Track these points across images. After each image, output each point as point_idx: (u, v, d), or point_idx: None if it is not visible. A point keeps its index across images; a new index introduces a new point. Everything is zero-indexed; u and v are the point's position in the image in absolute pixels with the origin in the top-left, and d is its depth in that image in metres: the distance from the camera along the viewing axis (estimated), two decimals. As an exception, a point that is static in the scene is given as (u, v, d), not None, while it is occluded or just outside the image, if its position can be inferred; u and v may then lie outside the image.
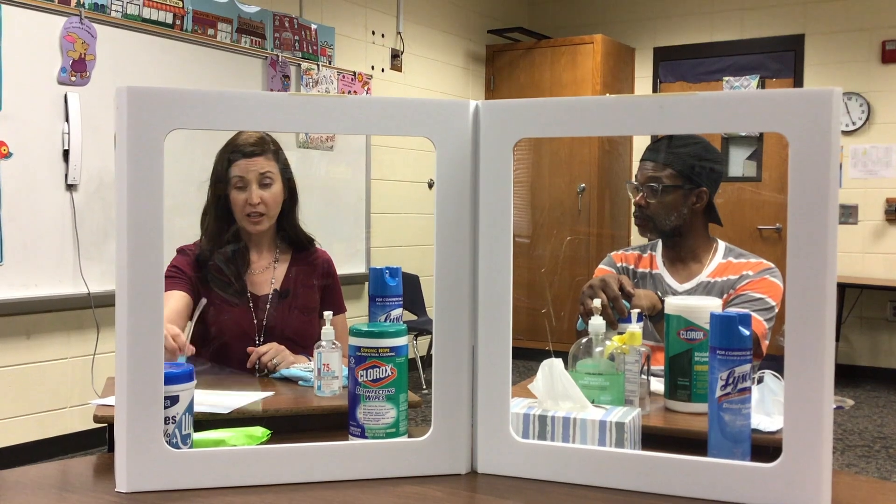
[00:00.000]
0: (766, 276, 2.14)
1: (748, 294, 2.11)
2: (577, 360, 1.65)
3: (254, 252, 2.30)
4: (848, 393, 5.64)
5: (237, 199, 2.21)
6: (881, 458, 4.28)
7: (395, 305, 1.83)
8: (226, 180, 2.21)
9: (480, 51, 6.77)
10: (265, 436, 1.51)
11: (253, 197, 2.19)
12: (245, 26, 4.77)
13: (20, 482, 1.38)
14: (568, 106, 1.38)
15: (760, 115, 1.28)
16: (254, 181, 2.20)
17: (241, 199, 2.20)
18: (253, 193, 2.19)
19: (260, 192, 2.20)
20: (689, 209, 2.19)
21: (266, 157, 2.22)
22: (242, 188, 2.20)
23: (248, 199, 2.19)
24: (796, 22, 6.30)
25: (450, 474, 1.40)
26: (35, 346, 3.92)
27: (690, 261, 2.24)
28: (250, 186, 2.19)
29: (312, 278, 2.32)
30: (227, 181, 2.20)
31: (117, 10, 4.11)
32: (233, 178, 2.20)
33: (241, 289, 2.25)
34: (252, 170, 2.19)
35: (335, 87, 5.29)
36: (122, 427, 1.32)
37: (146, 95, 1.32)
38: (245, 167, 2.19)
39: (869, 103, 6.04)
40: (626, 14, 6.90)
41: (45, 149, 3.84)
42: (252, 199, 2.19)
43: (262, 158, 2.21)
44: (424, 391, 5.31)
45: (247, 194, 2.19)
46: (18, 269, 3.76)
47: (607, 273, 2.04)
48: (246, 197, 2.20)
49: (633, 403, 1.65)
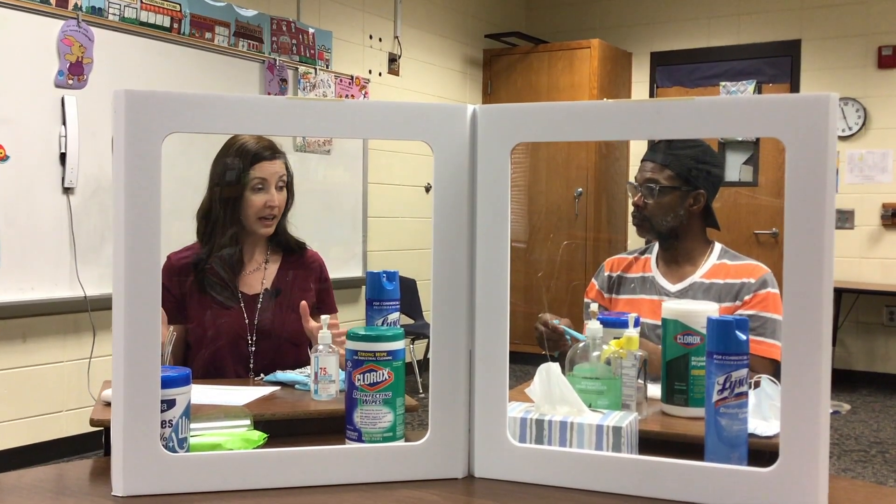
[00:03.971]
0: (770, 290, 2.13)
1: (759, 314, 2.10)
2: (574, 364, 1.66)
3: (246, 254, 2.31)
4: (844, 398, 5.64)
5: (255, 201, 2.23)
6: (877, 462, 4.28)
7: (392, 309, 1.83)
8: (241, 182, 2.23)
9: (478, 55, 6.78)
10: (262, 439, 1.51)
11: (274, 199, 2.23)
12: (243, 30, 4.77)
13: (16, 486, 1.38)
14: (565, 110, 1.38)
15: (757, 120, 1.28)
16: (273, 183, 2.24)
17: (260, 201, 2.23)
18: (273, 195, 2.23)
19: (277, 195, 2.25)
20: (687, 211, 2.20)
21: (282, 161, 2.28)
22: (262, 190, 2.23)
23: (268, 202, 2.23)
24: (793, 27, 6.32)
25: (447, 478, 1.40)
26: (31, 349, 3.91)
27: (685, 263, 2.24)
28: (270, 189, 2.23)
29: (305, 278, 2.34)
30: (244, 183, 2.22)
31: (115, 14, 4.11)
32: (253, 180, 2.22)
33: (233, 290, 2.26)
34: (272, 172, 2.24)
35: (333, 91, 5.29)
36: (118, 431, 1.32)
37: (144, 99, 1.32)
38: (266, 169, 2.23)
39: (865, 109, 6.06)
40: (623, 19, 6.91)
41: (42, 152, 3.84)
42: (273, 200, 2.23)
43: (279, 162, 2.27)
44: (421, 395, 5.31)
45: (267, 196, 2.23)
46: (15, 272, 3.76)
47: (592, 293, 2.36)
48: (266, 199, 2.23)
49: (630, 408, 1.65)
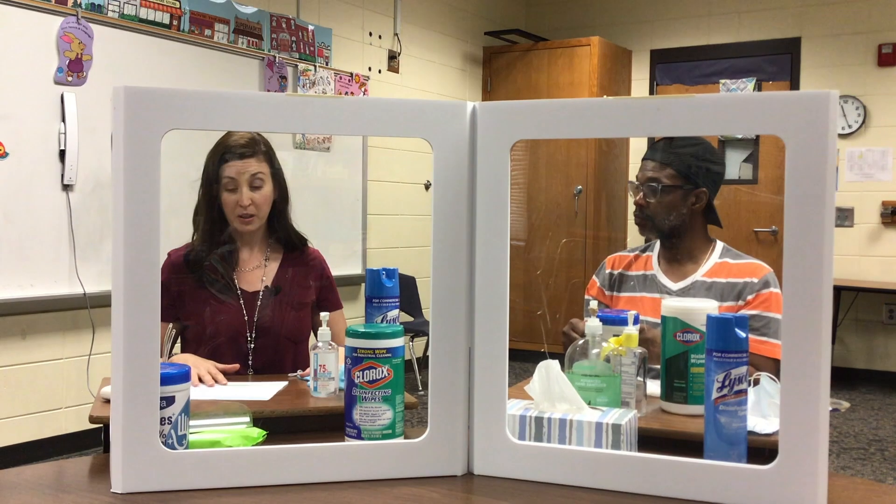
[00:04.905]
0: (773, 290, 2.13)
1: (762, 315, 2.10)
2: (573, 361, 1.66)
3: (245, 250, 2.30)
4: (843, 395, 5.65)
5: (228, 200, 2.21)
6: (876, 460, 4.29)
7: (391, 307, 1.83)
8: (217, 181, 2.21)
9: (477, 52, 6.77)
10: (261, 437, 1.51)
11: (243, 199, 2.19)
12: (242, 27, 4.76)
13: (15, 483, 1.38)
14: (565, 108, 1.38)
15: (757, 118, 1.28)
16: (244, 183, 2.20)
17: (232, 201, 2.20)
18: (243, 195, 2.19)
19: (250, 194, 2.20)
20: (689, 209, 2.19)
21: (257, 159, 2.22)
22: (233, 190, 2.20)
23: (239, 201, 2.19)
24: (793, 25, 6.31)
25: (446, 476, 1.40)
26: (30, 346, 3.91)
27: (687, 261, 2.24)
28: (241, 188, 2.19)
29: (305, 276, 2.33)
30: (219, 182, 2.21)
31: (114, 11, 4.11)
32: (224, 180, 2.20)
33: (232, 287, 2.25)
34: (243, 171, 2.19)
35: (332, 88, 5.28)
36: (117, 428, 1.32)
37: (143, 96, 1.31)
38: (236, 168, 2.19)
39: (865, 106, 6.05)
40: (623, 16, 6.90)
41: (42, 149, 3.83)
42: (243, 200, 2.19)
43: (254, 160, 2.21)
44: (421, 392, 5.31)
45: (237, 196, 2.20)
46: (14, 269, 3.76)
47: (593, 290, 2.35)
48: (237, 198, 2.20)
49: (630, 405, 1.65)
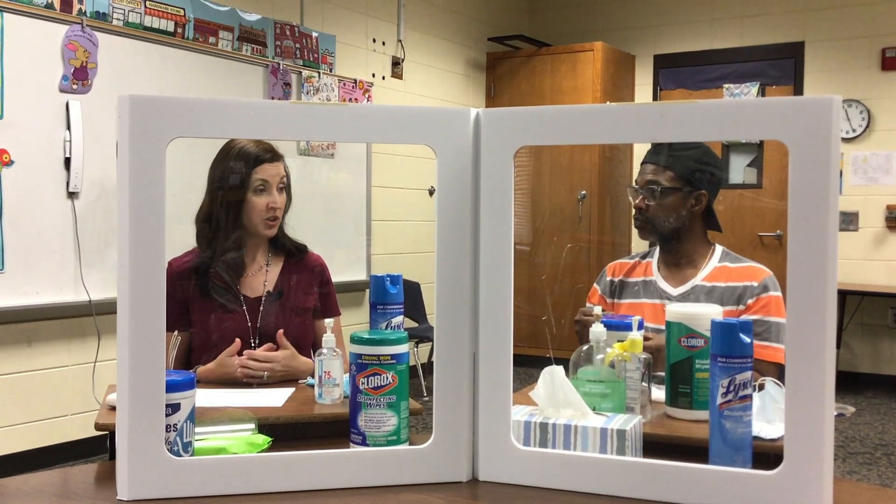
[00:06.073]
0: (772, 293, 2.13)
1: (763, 319, 2.11)
2: (578, 367, 1.65)
3: (248, 257, 2.32)
4: (849, 400, 5.63)
5: (257, 203, 2.24)
6: (882, 465, 4.27)
7: (396, 313, 1.83)
8: (243, 185, 2.24)
9: (481, 58, 6.78)
10: (266, 443, 1.51)
11: (276, 200, 2.25)
12: (246, 34, 4.78)
13: (21, 490, 1.38)
14: (568, 114, 1.38)
15: (761, 123, 1.28)
16: (275, 185, 2.26)
17: (263, 203, 2.25)
18: (276, 197, 2.26)
19: (279, 197, 2.28)
20: (688, 212, 2.20)
21: (282, 163, 2.31)
22: (264, 191, 2.25)
23: (271, 203, 2.25)
24: (796, 29, 6.31)
25: (451, 482, 1.40)
26: (36, 353, 3.92)
27: (686, 266, 2.24)
28: (272, 190, 2.25)
29: (307, 280, 2.35)
30: (247, 186, 2.24)
31: (119, 19, 4.12)
32: (255, 182, 2.24)
33: (236, 293, 2.26)
34: (274, 174, 2.26)
35: (336, 94, 5.29)
36: (123, 435, 1.32)
37: (148, 104, 1.32)
38: (268, 171, 2.25)
39: (869, 110, 6.05)
40: (627, 21, 6.91)
41: (47, 157, 3.85)
42: (275, 202, 2.25)
43: (281, 164, 2.30)
44: (425, 398, 5.30)
45: (269, 198, 2.25)
46: (20, 277, 3.76)
47: (594, 298, 2.35)
48: (268, 201, 2.25)
49: (635, 411, 1.65)
